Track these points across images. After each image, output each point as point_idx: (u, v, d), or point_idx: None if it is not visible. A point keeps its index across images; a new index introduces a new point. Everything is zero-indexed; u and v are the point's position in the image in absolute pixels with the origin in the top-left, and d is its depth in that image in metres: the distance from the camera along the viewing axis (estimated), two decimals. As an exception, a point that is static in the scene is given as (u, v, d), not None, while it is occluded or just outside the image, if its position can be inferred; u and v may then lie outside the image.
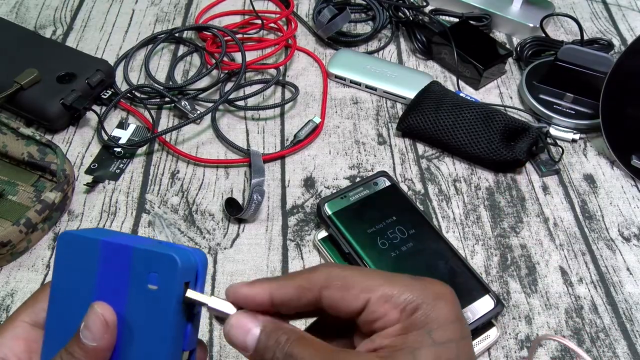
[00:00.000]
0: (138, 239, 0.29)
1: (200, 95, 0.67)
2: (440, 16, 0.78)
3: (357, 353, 0.26)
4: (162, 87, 0.67)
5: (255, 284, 0.28)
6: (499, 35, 0.78)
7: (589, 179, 0.61)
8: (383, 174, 0.56)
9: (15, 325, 0.30)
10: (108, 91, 0.67)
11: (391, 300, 0.26)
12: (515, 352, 0.48)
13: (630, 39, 0.77)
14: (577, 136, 0.64)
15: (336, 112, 0.67)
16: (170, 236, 0.55)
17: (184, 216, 0.57)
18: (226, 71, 0.69)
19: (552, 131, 0.64)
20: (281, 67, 0.71)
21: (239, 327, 0.27)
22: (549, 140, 0.63)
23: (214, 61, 0.69)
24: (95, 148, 0.63)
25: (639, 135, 0.60)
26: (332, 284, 0.27)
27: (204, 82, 0.69)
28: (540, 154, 0.62)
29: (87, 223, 0.56)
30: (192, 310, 0.29)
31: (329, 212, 0.53)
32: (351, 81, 0.69)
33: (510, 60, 0.73)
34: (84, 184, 0.58)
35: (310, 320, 0.31)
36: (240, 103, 0.67)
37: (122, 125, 0.65)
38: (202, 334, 0.48)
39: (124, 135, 0.63)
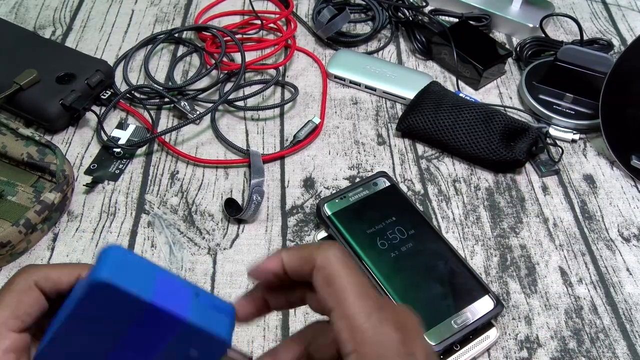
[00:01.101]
0: (171, 283, 0.27)
1: (200, 96, 0.67)
2: (440, 16, 0.78)
3: None
4: (161, 88, 0.67)
5: (269, 257, 0.29)
6: (499, 36, 0.78)
7: (589, 179, 0.61)
8: (382, 174, 0.56)
9: (3, 337, 0.28)
10: (107, 91, 0.67)
11: (348, 319, 0.26)
12: (515, 352, 0.48)
13: (630, 39, 0.77)
14: (576, 136, 0.64)
15: (336, 112, 0.67)
16: (170, 236, 0.55)
17: (183, 217, 0.56)
18: (226, 71, 0.69)
19: (552, 131, 0.64)
20: (281, 68, 0.71)
21: None
22: (549, 141, 0.63)
23: (213, 61, 0.69)
24: (95, 148, 0.62)
25: (639, 136, 0.60)
26: (324, 266, 0.27)
27: (203, 83, 0.68)
28: (539, 154, 0.62)
29: (87, 223, 0.56)
30: None
31: (329, 213, 0.53)
32: (351, 81, 0.69)
33: (509, 60, 0.73)
34: (84, 185, 0.58)
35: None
36: (240, 103, 0.67)
37: (121, 125, 0.65)
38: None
39: (123, 136, 0.63)
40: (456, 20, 0.77)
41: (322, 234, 0.54)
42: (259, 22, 0.75)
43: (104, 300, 0.25)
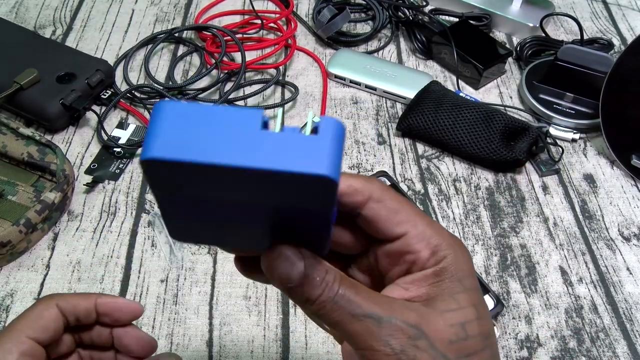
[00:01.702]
0: None
1: (200, 95, 0.67)
2: (440, 16, 0.78)
3: (404, 302, 0.25)
4: (161, 87, 0.67)
5: None
6: (499, 35, 0.78)
7: (589, 178, 0.61)
8: (383, 174, 0.56)
9: (21, 341, 0.29)
10: (108, 91, 0.67)
11: (427, 240, 0.26)
12: (515, 352, 0.48)
13: (630, 39, 0.77)
14: (577, 136, 0.64)
15: (336, 112, 0.67)
16: (170, 236, 0.55)
17: (183, 216, 0.56)
18: (226, 71, 0.69)
19: (552, 131, 0.64)
20: (281, 67, 0.71)
21: (284, 258, 0.25)
22: (549, 140, 0.63)
23: (213, 61, 0.69)
24: (95, 148, 0.63)
25: (639, 135, 0.60)
26: (383, 199, 0.27)
27: (203, 82, 0.68)
28: (540, 154, 0.62)
29: (87, 223, 0.56)
30: None
31: (329, 212, 0.53)
32: (351, 81, 0.69)
33: (510, 60, 0.73)
34: (84, 184, 0.58)
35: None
36: (240, 103, 0.67)
37: (121, 125, 0.65)
38: (202, 333, 0.48)
39: (123, 135, 0.63)
40: (456, 19, 0.77)
41: (323, 233, 0.53)
42: (259, 21, 0.75)
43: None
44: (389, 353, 0.24)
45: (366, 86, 0.69)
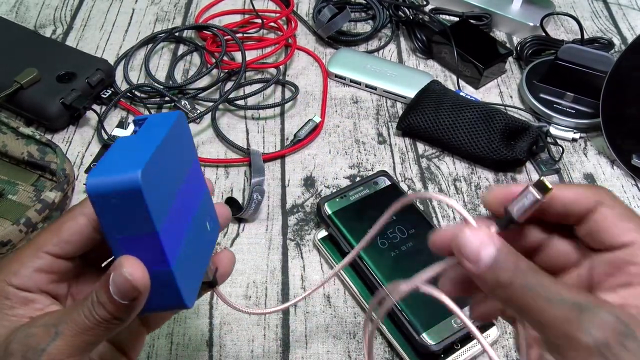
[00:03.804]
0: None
1: (200, 95, 0.67)
2: (441, 15, 0.78)
3: (611, 305, 0.23)
4: (162, 87, 0.67)
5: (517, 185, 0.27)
6: (499, 35, 0.78)
7: (589, 178, 0.61)
8: (383, 173, 0.56)
9: (37, 257, 0.28)
10: (108, 90, 0.67)
11: None
12: (515, 351, 0.48)
13: (630, 38, 0.77)
14: (577, 135, 0.64)
15: (336, 111, 0.67)
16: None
17: (184, 216, 0.56)
18: (226, 70, 0.69)
19: (552, 130, 0.64)
20: (281, 67, 0.71)
21: (476, 236, 0.25)
22: (549, 140, 0.63)
23: (214, 60, 0.69)
24: (96, 147, 0.63)
25: (639, 135, 0.60)
26: (614, 206, 0.25)
27: (204, 82, 0.68)
28: (540, 153, 0.62)
29: (87, 222, 0.56)
30: None
31: (329, 212, 0.53)
32: (351, 80, 0.69)
33: (510, 59, 0.73)
34: (84, 184, 0.58)
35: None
36: (240, 102, 0.67)
37: (122, 124, 0.65)
38: (202, 333, 0.48)
39: (124, 135, 0.63)
40: (457, 19, 0.77)
41: (323, 233, 0.54)
42: (259, 21, 0.75)
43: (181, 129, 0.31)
44: (589, 345, 0.21)
45: (366, 85, 0.69)
